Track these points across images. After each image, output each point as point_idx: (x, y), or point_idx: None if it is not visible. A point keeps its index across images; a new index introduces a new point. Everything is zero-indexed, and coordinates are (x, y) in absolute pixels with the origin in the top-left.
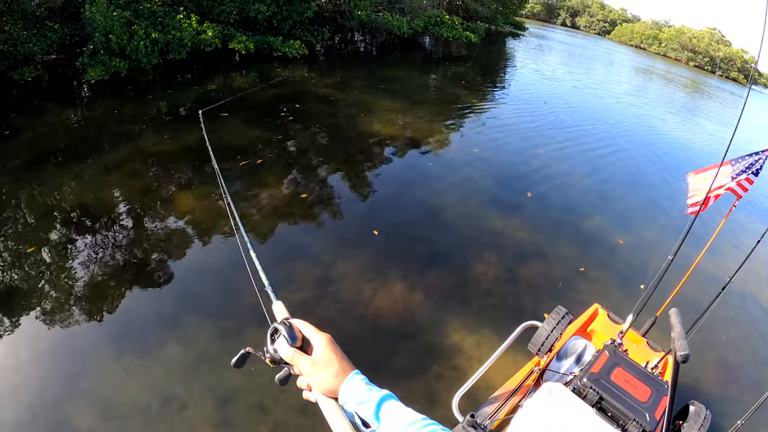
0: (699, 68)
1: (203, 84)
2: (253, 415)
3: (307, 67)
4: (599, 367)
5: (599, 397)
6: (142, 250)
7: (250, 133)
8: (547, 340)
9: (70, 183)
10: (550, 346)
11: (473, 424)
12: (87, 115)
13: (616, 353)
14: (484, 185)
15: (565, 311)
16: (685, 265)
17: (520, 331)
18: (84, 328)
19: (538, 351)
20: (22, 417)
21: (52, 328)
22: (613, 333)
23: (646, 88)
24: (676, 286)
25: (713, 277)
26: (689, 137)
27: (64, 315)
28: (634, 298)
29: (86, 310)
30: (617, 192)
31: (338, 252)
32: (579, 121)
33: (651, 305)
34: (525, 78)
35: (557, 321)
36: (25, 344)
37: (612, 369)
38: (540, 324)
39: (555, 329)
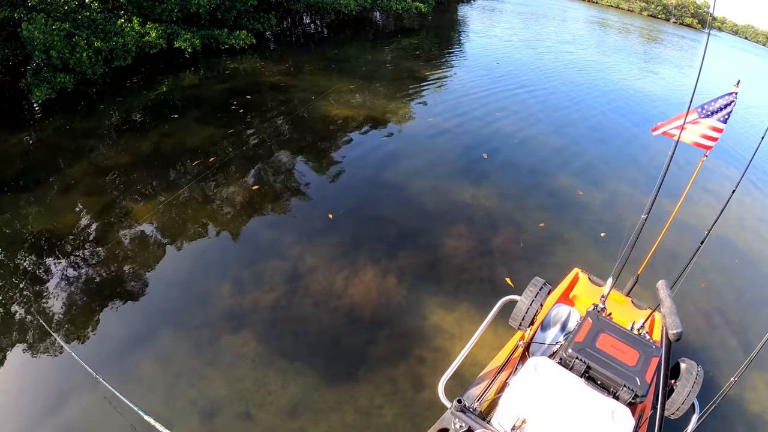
0: (653, 17)
1: (153, 87)
2: (239, 424)
3: (257, 57)
4: (583, 335)
5: (586, 366)
6: (108, 269)
7: (201, 131)
8: (527, 313)
9: (29, 208)
10: (531, 319)
11: (462, 409)
12: (39, 136)
13: (599, 319)
14: (447, 157)
15: (543, 282)
16: (661, 217)
17: (499, 307)
18: (55, 352)
19: (519, 325)
20: None
21: (22, 351)
22: (596, 296)
23: (602, 41)
24: (654, 242)
25: (690, 228)
26: (650, 87)
27: (34, 339)
28: (612, 257)
29: (57, 334)
30: (583, 148)
31: (305, 244)
32: (535, 80)
33: (631, 263)
34: (478, 43)
35: (535, 293)
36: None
37: (597, 336)
38: (518, 298)
39: (534, 301)
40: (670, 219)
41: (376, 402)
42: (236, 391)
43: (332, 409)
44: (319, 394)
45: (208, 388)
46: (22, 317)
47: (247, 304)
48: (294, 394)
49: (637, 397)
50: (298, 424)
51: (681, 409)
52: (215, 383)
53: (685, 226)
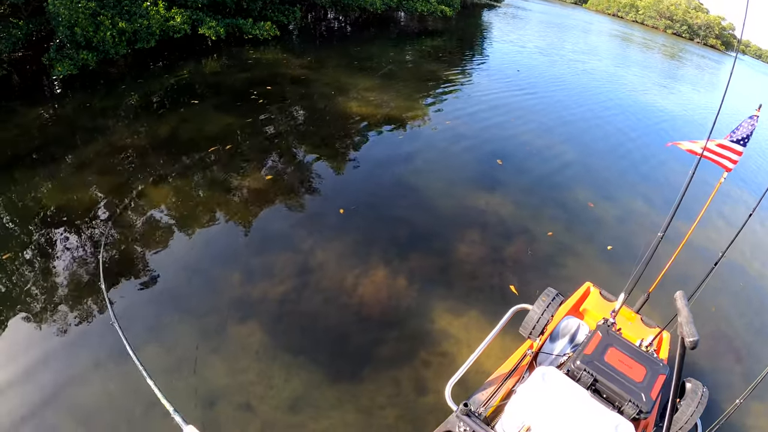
0: (677, 35)
1: (174, 72)
2: (240, 415)
3: (279, 49)
4: (592, 348)
5: (593, 379)
6: (118, 249)
7: (220, 119)
8: (538, 322)
9: (44, 184)
10: (542, 329)
11: (467, 413)
12: (58, 112)
13: (609, 333)
14: (463, 161)
15: (556, 292)
16: (675, 238)
17: (511, 315)
18: (62, 329)
19: (529, 334)
20: None
21: (31, 329)
22: (606, 311)
23: (624, 55)
24: (667, 261)
25: (703, 251)
26: (669, 105)
27: (40, 318)
28: (622, 272)
29: (64, 312)
30: (597, 161)
31: (317, 239)
32: (556, 90)
33: (643, 280)
34: (500, 49)
35: (548, 303)
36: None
37: (605, 349)
38: (530, 307)
39: (546, 311)
40: (684, 239)
41: (378, 402)
42: (238, 382)
43: (333, 406)
44: (322, 390)
45: (210, 375)
46: (28, 291)
47: (256, 295)
48: (296, 388)
49: (641, 413)
50: (299, 420)
51: (684, 429)
52: (218, 371)
53: (696, 248)
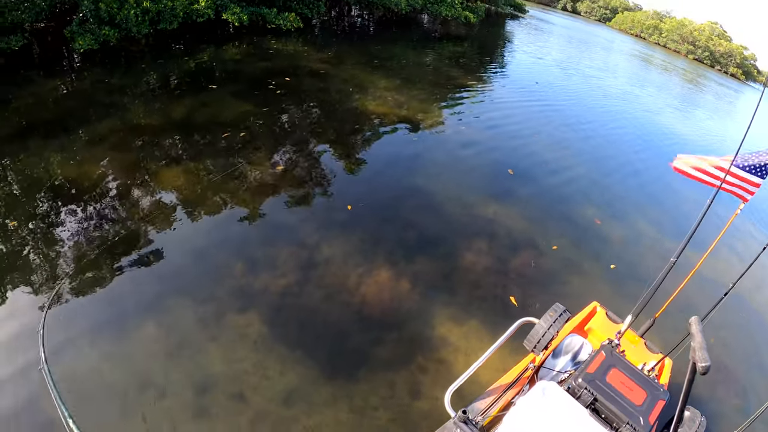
0: (698, 61)
1: (195, 55)
2: (232, 404)
3: (301, 41)
4: (595, 367)
5: (593, 398)
6: (124, 228)
7: (236, 106)
8: (543, 337)
9: (56, 156)
10: (546, 344)
11: (465, 420)
12: (75, 85)
13: (612, 354)
14: (475, 169)
15: (563, 309)
16: (685, 265)
17: (517, 327)
18: (60, 304)
19: (533, 348)
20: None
21: (30, 302)
22: (611, 332)
23: (644, 77)
24: (674, 288)
25: (712, 281)
26: (684, 130)
27: (41, 290)
28: (624, 293)
29: (64, 287)
30: (611, 182)
31: (323, 234)
32: (572, 106)
33: (649, 305)
34: (520, 60)
35: (554, 318)
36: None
37: (608, 370)
38: (537, 320)
39: (552, 326)
40: (695, 267)
41: (371, 403)
42: (233, 371)
43: (327, 403)
44: (317, 386)
45: (206, 362)
46: (28, 260)
47: (258, 286)
48: (291, 382)
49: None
50: (291, 413)
51: None
52: (214, 359)
53: (704, 277)
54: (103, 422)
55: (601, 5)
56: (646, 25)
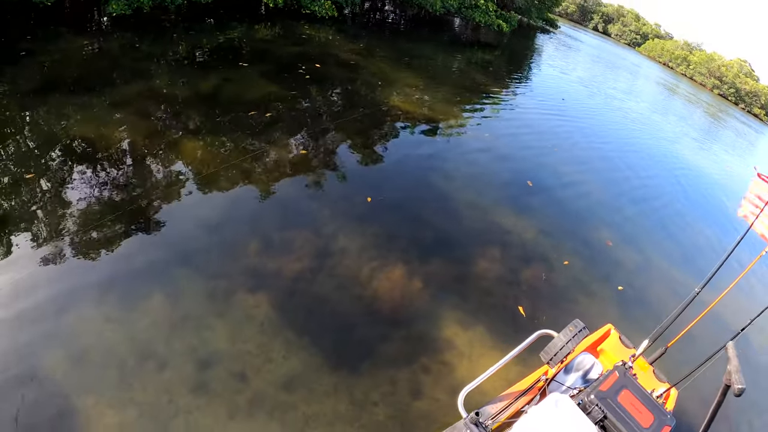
0: (722, 97)
1: (226, 31)
2: (232, 383)
3: (333, 30)
4: (608, 386)
5: (603, 415)
6: (139, 193)
7: (264, 86)
8: (560, 350)
9: (76, 114)
10: (562, 358)
11: (476, 422)
12: (103, 46)
13: (625, 375)
14: (497, 176)
15: (583, 325)
16: (702, 299)
17: (535, 338)
18: (69, 264)
19: (549, 360)
20: None
21: (37, 259)
22: (622, 355)
23: (667, 106)
24: (689, 320)
25: (725, 320)
26: (703, 163)
27: (50, 248)
28: (630, 317)
29: (74, 247)
30: (630, 208)
31: (341, 224)
32: (598, 127)
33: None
34: (548, 74)
35: (574, 334)
36: (7, 270)
37: (620, 390)
38: (555, 334)
39: (570, 341)
40: (714, 302)
41: (371, 398)
42: (237, 350)
43: (327, 393)
44: (319, 375)
45: (211, 338)
46: (39, 217)
47: (271, 267)
48: (294, 368)
49: None
50: (290, 399)
51: None
52: (219, 336)
53: (720, 316)
54: (100, 386)
55: (632, 29)
56: (675, 55)
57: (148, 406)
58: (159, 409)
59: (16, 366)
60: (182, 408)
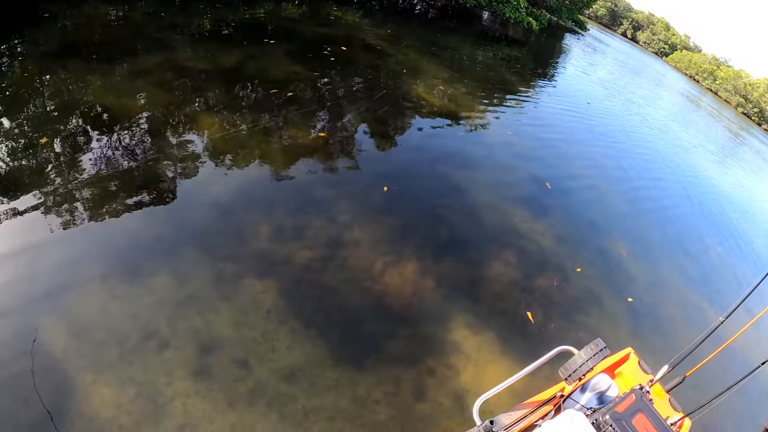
0: (746, 116)
1: (253, 7)
2: (234, 370)
3: (362, 14)
4: (623, 408)
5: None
6: (153, 167)
7: (287, 65)
8: (580, 368)
9: (96, 81)
10: (580, 375)
11: (489, 430)
12: (127, 14)
13: (642, 399)
14: (516, 176)
15: (604, 345)
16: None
17: (555, 354)
18: (77, 235)
19: (568, 377)
20: None
21: (45, 226)
22: (638, 380)
23: (689, 119)
24: (711, 349)
25: (741, 352)
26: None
27: (59, 216)
28: (639, 335)
29: (84, 218)
30: (647, 220)
31: (356, 215)
32: (622, 134)
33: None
34: (574, 76)
35: (594, 352)
36: (13, 236)
37: (635, 413)
38: (576, 351)
39: (591, 360)
40: (737, 333)
41: (373, 396)
42: (242, 336)
43: (329, 387)
44: (322, 368)
45: (215, 322)
46: (49, 184)
47: (281, 254)
48: (297, 358)
49: None
50: (291, 391)
51: None
52: (224, 320)
53: (735, 347)
54: (99, 363)
55: (661, 38)
56: (702, 69)
57: (146, 386)
58: (157, 391)
59: (13, 338)
60: (181, 391)
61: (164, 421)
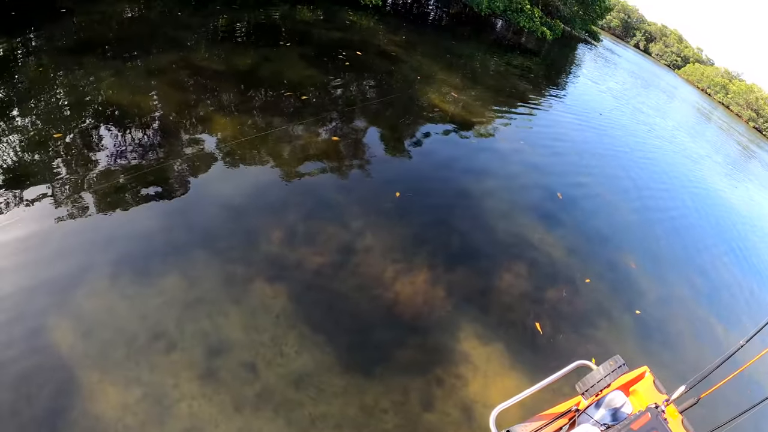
0: (757, 130)
1: (269, 9)
2: (242, 373)
3: (376, 19)
4: (638, 426)
5: None
6: (165, 167)
7: (302, 69)
8: (597, 383)
9: (110, 78)
10: (597, 391)
11: None
12: (143, 12)
13: (657, 418)
14: (528, 186)
15: (623, 362)
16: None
17: (573, 368)
18: (87, 233)
19: (585, 392)
20: None
21: (56, 223)
22: (653, 399)
23: (702, 132)
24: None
25: (755, 377)
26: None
27: (71, 213)
28: (648, 353)
29: (94, 215)
30: (657, 234)
31: (370, 221)
32: (635, 146)
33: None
34: (586, 86)
35: (613, 369)
36: (25, 233)
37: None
38: (595, 366)
39: (609, 376)
40: (755, 358)
41: (381, 405)
42: (250, 340)
43: (337, 395)
44: (330, 375)
45: (224, 325)
46: (62, 180)
47: (293, 258)
48: (306, 364)
49: None
50: (299, 397)
51: None
52: (233, 323)
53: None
54: (106, 362)
55: (674, 50)
56: (714, 82)
57: (152, 387)
58: (163, 392)
59: (21, 334)
60: (187, 393)
61: (170, 423)
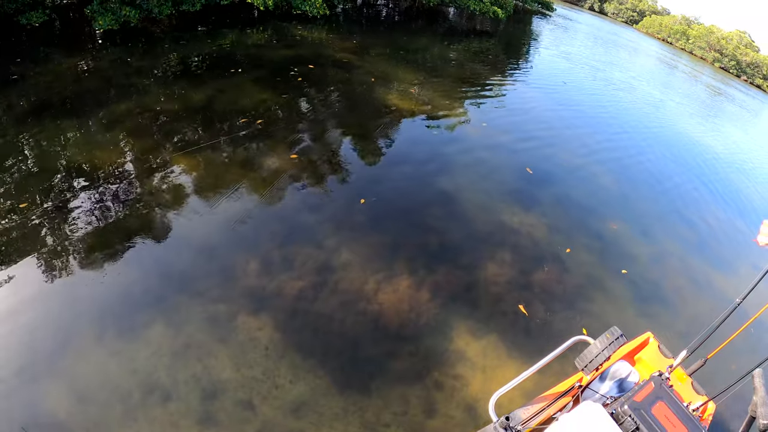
0: (724, 70)
1: (217, 39)
2: (239, 412)
3: (326, 29)
4: (642, 396)
5: (636, 427)
6: (134, 217)
7: (256, 92)
8: (596, 358)
9: (71, 137)
10: (597, 365)
11: (506, 426)
12: (94, 64)
13: (662, 386)
14: (496, 168)
15: (620, 333)
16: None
17: (570, 344)
18: (66, 297)
19: (584, 367)
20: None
21: (32, 297)
22: (660, 365)
23: (669, 82)
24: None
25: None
26: (714, 144)
27: (45, 284)
28: (649, 316)
29: (70, 278)
30: (639, 194)
31: (343, 237)
32: (600, 110)
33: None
34: (546, 58)
35: (610, 341)
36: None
37: (654, 402)
38: (592, 340)
39: (606, 349)
40: (757, 314)
41: (383, 419)
42: (243, 377)
43: (337, 416)
44: (328, 398)
45: (215, 366)
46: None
47: (272, 288)
48: (302, 392)
49: None
50: (299, 426)
51: None
52: (223, 363)
53: (760, 326)
54: (105, 423)
55: (629, 7)
56: (674, 30)
57: None
58: None
59: (17, 408)
60: None
61: None
